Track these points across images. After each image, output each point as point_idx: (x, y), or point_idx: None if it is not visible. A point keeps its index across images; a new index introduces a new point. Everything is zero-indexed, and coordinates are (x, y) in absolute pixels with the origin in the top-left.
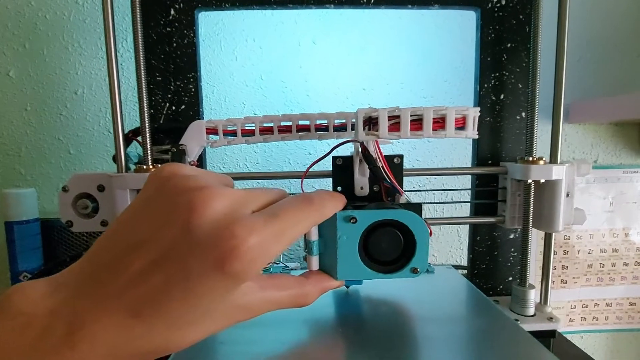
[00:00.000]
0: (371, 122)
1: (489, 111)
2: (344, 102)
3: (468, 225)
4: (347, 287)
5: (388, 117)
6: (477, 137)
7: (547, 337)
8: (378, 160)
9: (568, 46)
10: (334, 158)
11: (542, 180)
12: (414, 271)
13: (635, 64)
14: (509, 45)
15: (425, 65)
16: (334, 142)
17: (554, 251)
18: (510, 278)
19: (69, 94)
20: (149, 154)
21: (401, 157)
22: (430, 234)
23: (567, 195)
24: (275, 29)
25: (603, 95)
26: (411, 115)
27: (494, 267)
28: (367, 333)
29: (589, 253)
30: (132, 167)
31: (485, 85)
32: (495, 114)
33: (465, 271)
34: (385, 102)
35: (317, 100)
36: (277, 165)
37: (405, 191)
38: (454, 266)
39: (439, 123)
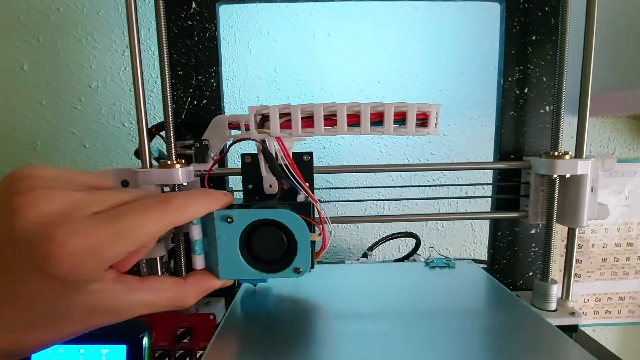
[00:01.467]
0: (264, 120)
1: (513, 105)
2: (358, 94)
3: (488, 220)
4: (255, 285)
5: (280, 114)
6: (437, 134)
7: (569, 332)
8: (282, 158)
9: (582, 38)
10: (243, 155)
11: (567, 175)
12: (297, 271)
13: None
14: (534, 37)
15: (440, 57)
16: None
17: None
18: (531, 273)
19: (83, 87)
20: (173, 148)
21: (310, 154)
22: (321, 234)
23: (592, 190)
24: (289, 21)
25: (621, 88)
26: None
27: (515, 262)
28: (393, 326)
29: (603, 247)
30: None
31: (510, 79)
32: (519, 108)
33: (483, 265)
34: (400, 95)
35: (332, 94)
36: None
37: (423, 186)
38: (473, 260)
39: (354, 118)
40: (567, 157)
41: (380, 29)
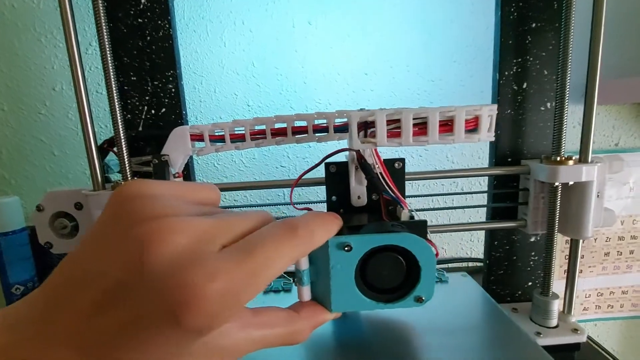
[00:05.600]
0: (367, 127)
1: (510, 102)
2: (344, 88)
3: (484, 231)
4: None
5: (387, 121)
6: (493, 139)
7: (571, 351)
8: (376, 166)
9: (584, 25)
10: (327, 165)
11: (571, 182)
12: (419, 300)
13: None
14: (533, 25)
15: (432, 45)
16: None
17: (567, 240)
18: (530, 283)
19: (47, 90)
20: (127, 166)
21: (403, 160)
22: (437, 255)
23: (597, 195)
24: (266, 10)
25: (627, 74)
26: (414, 119)
27: (512, 272)
28: (376, 345)
29: (606, 241)
30: (114, 176)
31: (506, 73)
32: (516, 106)
33: (481, 264)
34: (390, 88)
35: (316, 88)
36: (274, 160)
37: (411, 196)
38: (469, 259)
39: (448, 126)
40: (570, 162)
41: (366, 16)
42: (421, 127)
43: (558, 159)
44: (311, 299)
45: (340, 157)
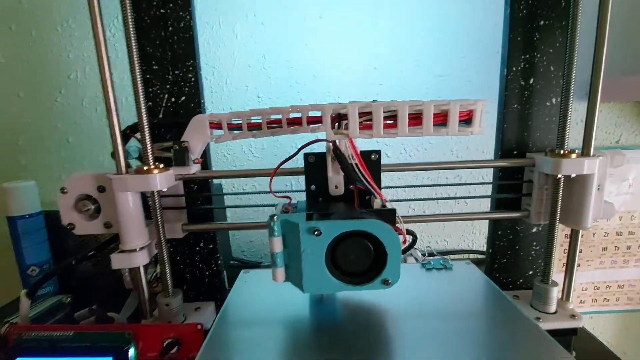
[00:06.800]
0: (341, 119)
1: (517, 97)
2: (353, 82)
3: (488, 221)
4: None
5: (359, 113)
6: (482, 133)
7: (569, 335)
8: (352, 157)
9: (590, 24)
10: (306, 155)
11: (573, 175)
12: (385, 283)
13: None
14: (542, 22)
15: (441, 40)
16: None
17: (568, 234)
18: (531, 272)
19: (63, 78)
20: (149, 152)
21: (379, 152)
22: (404, 242)
23: (598, 188)
24: (278, 3)
25: (630, 72)
26: (385, 111)
27: (515, 261)
28: (386, 329)
29: (604, 236)
30: (133, 162)
31: (514, 69)
32: (523, 101)
33: (483, 256)
34: (398, 82)
35: (325, 81)
36: (284, 150)
37: (414, 186)
38: (471, 251)
39: (418, 120)
40: (573, 155)
41: (376, 11)
42: (395, 120)
43: (562, 152)
44: (285, 281)
45: (321, 149)
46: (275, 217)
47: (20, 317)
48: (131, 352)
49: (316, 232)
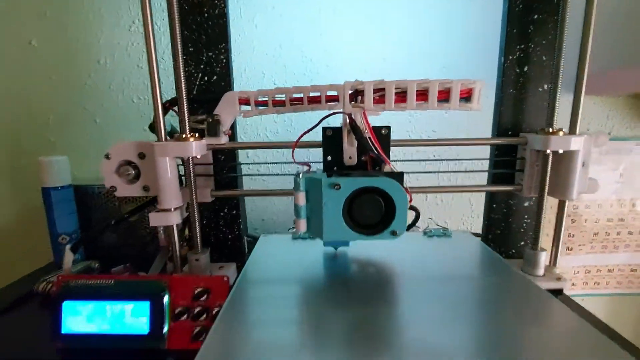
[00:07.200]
0: (357, 95)
1: (513, 83)
2: (364, 72)
3: (484, 194)
4: (336, 248)
5: (374, 89)
6: (480, 109)
7: (555, 295)
8: (365, 131)
9: (581, 19)
10: (324, 129)
11: (561, 151)
12: (394, 233)
13: None
14: (536, 16)
15: (448, 35)
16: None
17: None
18: (523, 243)
19: (92, 63)
20: (187, 123)
21: (389, 128)
22: (410, 200)
23: (583, 165)
24: None
25: (622, 66)
26: (396, 88)
27: (508, 232)
28: (393, 289)
29: (595, 222)
30: None
31: (510, 57)
32: (518, 86)
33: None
34: (405, 73)
35: (337, 71)
36: (296, 135)
37: (417, 160)
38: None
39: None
40: (560, 133)
41: (386, 5)
42: (404, 95)
43: (551, 130)
44: (306, 232)
45: (337, 124)
46: (301, 174)
47: (64, 269)
48: (166, 298)
49: (336, 187)
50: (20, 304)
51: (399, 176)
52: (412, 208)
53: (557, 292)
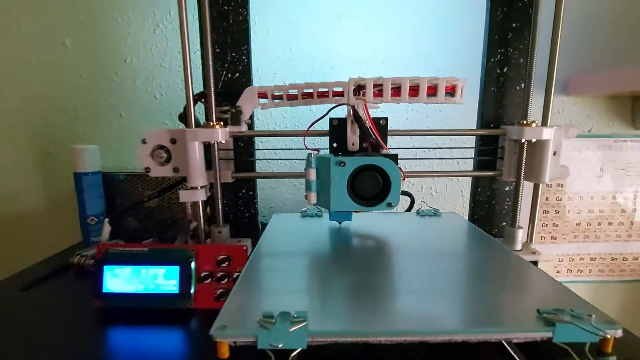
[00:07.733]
0: (360, 90)
1: (494, 82)
2: (364, 73)
3: (471, 180)
4: (340, 223)
5: (373, 85)
6: (463, 103)
7: None
8: (366, 121)
9: (569, 23)
10: (331, 119)
11: (534, 140)
12: (389, 205)
13: (630, 40)
14: (514, 25)
15: (443, 40)
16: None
17: (546, 210)
18: (504, 223)
19: (119, 62)
20: (214, 113)
21: (386, 119)
22: (404, 178)
23: (554, 153)
24: (304, 4)
25: (599, 70)
26: (392, 84)
27: (491, 214)
28: (389, 261)
29: (578, 213)
30: None
31: (492, 60)
32: (499, 85)
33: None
34: (401, 74)
35: (341, 71)
36: (302, 129)
37: (409, 148)
38: None
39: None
40: (534, 125)
41: (384, 11)
42: (399, 90)
43: (525, 122)
44: (315, 204)
45: (341, 115)
46: (312, 154)
47: (102, 239)
48: (193, 264)
49: (342, 164)
50: (58, 273)
51: (393, 157)
52: (407, 194)
53: (534, 264)
